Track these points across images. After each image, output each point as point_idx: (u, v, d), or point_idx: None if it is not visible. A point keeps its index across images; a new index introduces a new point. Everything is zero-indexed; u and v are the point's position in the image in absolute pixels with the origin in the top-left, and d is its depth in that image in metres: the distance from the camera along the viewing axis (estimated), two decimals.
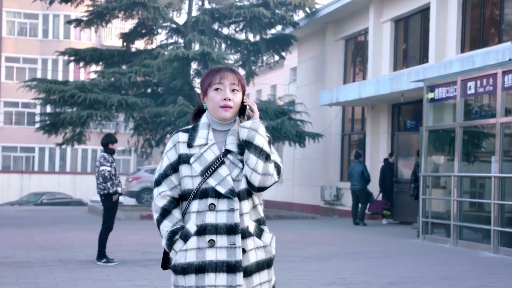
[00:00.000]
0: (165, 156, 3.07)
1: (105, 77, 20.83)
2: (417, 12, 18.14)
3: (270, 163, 2.97)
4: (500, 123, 11.30)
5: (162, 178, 3.04)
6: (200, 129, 3.04)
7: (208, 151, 2.98)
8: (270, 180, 2.97)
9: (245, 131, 2.95)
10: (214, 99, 3.01)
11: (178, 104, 19.21)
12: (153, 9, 20.00)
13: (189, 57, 19.51)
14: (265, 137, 2.98)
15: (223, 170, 2.96)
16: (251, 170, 2.94)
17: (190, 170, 2.98)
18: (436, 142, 14.14)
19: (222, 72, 3.04)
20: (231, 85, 3.02)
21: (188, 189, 3.00)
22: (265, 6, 21.57)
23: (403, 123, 19.12)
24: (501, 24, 15.02)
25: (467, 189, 13.20)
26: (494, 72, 11.37)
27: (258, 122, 2.99)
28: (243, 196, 2.98)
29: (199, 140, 3.00)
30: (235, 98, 3.02)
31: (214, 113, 3.03)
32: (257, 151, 2.94)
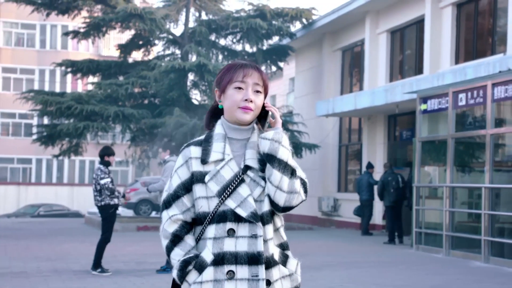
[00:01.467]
0: (175, 174, 2.69)
1: (102, 89, 20.96)
2: (413, 23, 18.30)
3: (296, 179, 2.60)
4: (490, 134, 11.42)
5: (172, 200, 2.67)
6: (214, 142, 2.65)
7: (226, 168, 2.61)
8: (297, 198, 2.61)
9: (267, 143, 2.58)
10: (233, 98, 2.63)
11: (175, 116, 19.33)
12: (149, 21, 20.16)
13: (186, 68, 19.65)
14: (289, 149, 2.62)
15: (244, 189, 2.59)
16: (275, 188, 2.56)
17: (205, 190, 2.61)
18: (429, 153, 14.24)
19: (246, 69, 2.66)
20: (254, 85, 2.66)
21: (203, 212, 2.62)
22: (261, 17, 21.75)
23: (399, 134, 19.23)
24: (493, 36, 15.17)
25: (464, 199, 13.29)
26: (484, 84, 11.50)
27: (281, 132, 2.61)
28: (266, 219, 2.60)
29: (214, 155, 2.62)
30: (257, 100, 2.65)
31: (230, 114, 2.66)
32: (282, 166, 2.56)
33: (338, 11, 20.57)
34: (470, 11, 16.11)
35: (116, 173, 42.97)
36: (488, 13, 15.60)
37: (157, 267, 10.55)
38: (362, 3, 19.03)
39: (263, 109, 2.69)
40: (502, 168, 12.13)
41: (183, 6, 22.32)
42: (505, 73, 11.32)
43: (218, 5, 22.78)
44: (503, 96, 11.15)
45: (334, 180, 22.26)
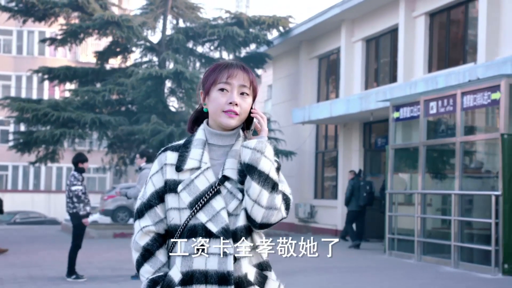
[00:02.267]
0: (149, 181, 2.49)
1: (79, 96, 20.99)
2: (387, 32, 18.57)
3: (277, 194, 2.38)
4: (459, 141, 11.67)
5: (145, 209, 2.47)
6: (193, 148, 2.45)
7: (201, 178, 2.41)
8: (276, 215, 2.38)
9: (248, 152, 2.37)
10: (217, 101, 2.43)
11: (152, 123, 19.41)
12: (127, 29, 20.24)
13: (163, 76, 19.75)
14: (272, 161, 2.40)
15: (218, 202, 2.38)
16: (252, 202, 2.35)
17: (178, 201, 2.41)
18: (402, 160, 14.47)
19: (232, 69, 2.45)
20: (240, 87, 2.45)
21: (174, 224, 2.43)
22: (239, 25, 21.92)
23: (374, 141, 19.47)
24: (465, 45, 15.46)
25: (437, 206, 13.52)
26: (454, 93, 11.74)
27: (264, 142, 2.40)
28: (240, 235, 2.39)
29: (190, 163, 2.42)
30: (243, 103, 2.45)
31: (214, 119, 2.46)
32: (262, 178, 2.35)
33: (314, 19, 20.80)
34: (442, 21, 16.40)
35: (94, 180, 42.86)
36: (460, 22, 15.89)
37: (132, 273, 10.63)
38: (337, 12, 19.27)
39: (250, 115, 2.48)
40: (471, 175, 12.39)
41: (161, 13, 22.42)
42: (474, 82, 11.57)
43: (195, 13, 22.92)
44: (471, 104, 11.40)
45: (311, 186, 22.45)
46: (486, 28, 13.86)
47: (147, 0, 23.04)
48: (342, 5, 18.97)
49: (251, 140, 2.42)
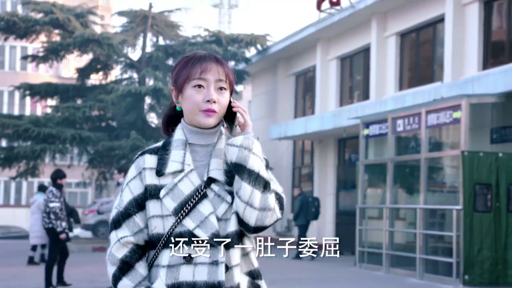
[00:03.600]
0: (126, 188, 2.28)
1: (60, 112, 21.35)
2: (360, 51, 19.13)
3: (270, 193, 2.20)
4: (424, 158, 12.18)
5: (122, 219, 2.26)
6: (173, 149, 2.25)
7: (185, 181, 2.21)
8: (271, 216, 2.20)
9: (235, 150, 2.18)
10: (193, 100, 2.23)
11: (131, 138, 19.81)
12: (107, 46, 20.66)
13: (142, 92, 20.18)
14: (261, 158, 2.21)
15: (205, 206, 2.19)
16: (244, 205, 2.16)
17: (160, 208, 2.21)
18: (372, 175, 14.96)
19: (205, 63, 2.24)
20: (216, 82, 2.24)
21: (157, 233, 2.22)
22: (217, 43, 22.43)
23: (348, 157, 19.98)
24: (433, 64, 16.05)
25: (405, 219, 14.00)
26: (419, 111, 12.27)
27: (251, 138, 2.22)
28: (232, 242, 2.20)
29: (172, 165, 2.22)
30: (221, 99, 2.24)
31: (191, 118, 2.26)
32: (252, 177, 2.17)
33: (291, 38, 21.34)
34: (412, 41, 16.98)
35: (75, 195, 43.00)
36: (428, 43, 16.48)
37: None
38: (312, 31, 19.82)
39: (230, 108, 2.28)
40: (436, 190, 12.89)
41: (141, 31, 22.88)
42: (438, 101, 12.10)
43: (175, 31, 23.40)
44: (435, 123, 11.93)
45: (288, 201, 22.88)
46: (452, 49, 14.44)
47: (127, 18, 23.49)
48: (317, 25, 19.53)
49: (236, 137, 2.23)
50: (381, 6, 16.96)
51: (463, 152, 10.97)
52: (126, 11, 23.29)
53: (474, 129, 13.46)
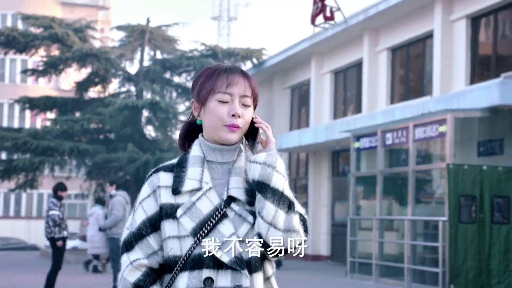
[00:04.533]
0: (139, 208, 2.15)
1: (58, 125, 21.70)
2: (353, 65, 19.50)
3: (294, 214, 2.06)
4: (411, 171, 12.52)
5: (135, 240, 2.12)
6: (190, 166, 2.12)
7: (203, 200, 2.08)
8: (296, 238, 2.05)
9: (257, 168, 2.05)
10: (218, 114, 2.11)
11: (128, 151, 20.14)
12: (105, 60, 21.05)
13: (139, 106, 20.54)
14: (285, 176, 2.09)
15: (226, 227, 2.05)
16: (267, 225, 2.02)
17: (177, 228, 2.07)
18: (362, 187, 15.29)
19: (232, 76, 2.13)
20: (242, 98, 2.14)
21: (174, 255, 2.08)
22: (213, 56, 22.83)
23: (342, 169, 20.30)
24: (423, 79, 16.42)
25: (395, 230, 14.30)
26: (407, 125, 12.61)
27: (275, 155, 2.09)
28: (255, 266, 2.07)
29: (189, 183, 2.09)
30: (246, 114, 2.14)
31: (213, 134, 2.13)
32: (276, 196, 2.03)
33: (286, 52, 21.73)
34: (403, 56, 17.36)
35: (75, 206, 43.29)
36: (418, 57, 16.85)
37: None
38: (307, 45, 20.20)
39: (252, 125, 2.17)
40: (423, 201, 13.22)
41: (138, 45, 23.27)
42: (425, 115, 12.45)
43: (172, 45, 23.80)
44: (422, 136, 12.27)
45: None
46: (440, 64, 14.81)
47: (125, 32, 23.89)
48: (312, 39, 19.91)
49: (259, 153, 2.09)
50: (373, 22, 17.35)
51: (448, 165, 11.30)
52: (124, 26, 23.71)
53: (462, 142, 13.83)
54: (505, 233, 11.26)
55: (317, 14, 18.91)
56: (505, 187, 11.31)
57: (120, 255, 2.15)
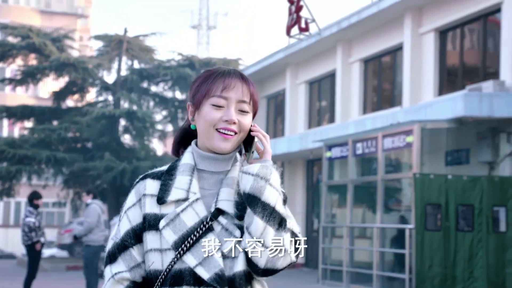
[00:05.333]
0: (124, 217, 2.03)
1: (36, 133, 21.83)
2: (327, 76, 19.88)
3: (285, 232, 1.94)
4: (380, 180, 12.87)
5: (118, 251, 2.01)
6: (179, 174, 2.00)
7: (188, 211, 1.96)
8: (284, 259, 1.93)
9: (249, 179, 1.93)
10: (210, 118, 1.99)
11: (105, 160, 20.32)
12: (82, 70, 21.24)
13: (116, 115, 20.74)
14: (279, 191, 1.96)
15: (210, 241, 1.93)
16: (254, 242, 1.91)
17: (159, 240, 1.96)
18: (334, 195, 15.62)
19: (229, 79, 2.01)
20: (239, 103, 2.02)
21: (154, 270, 1.96)
22: (190, 66, 23.10)
23: (316, 178, 20.64)
24: (394, 90, 16.82)
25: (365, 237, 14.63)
26: (376, 135, 12.97)
27: (270, 167, 1.96)
28: (239, 284, 1.94)
29: (175, 193, 1.97)
30: (242, 121, 2.02)
31: (205, 140, 2.02)
32: (267, 212, 1.91)
33: (262, 62, 22.06)
34: (375, 67, 17.76)
35: (52, 215, 43.22)
36: (390, 69, 17.26)
37: None
38: (282, 56, 20.55)
39: (249, 134, 2.04)
40: (392, 210, 13.57)
41: (116, 55, 23.47)
42: (393, 126, 12.81)
43: (150, 55, 24.03)
44: (390, 146, 12.63)
45: None
46: (410, 75, 15.22)
47: (103, 42, 24.09)
48: (287, 50, 20.27)
49: (253, 164, 1.97)
50: (346, 34, 17.73)
51: (414, 174, 11.65)
52: (101, 35, 23.92)
53: (430, 152, 14.21)
54: (469, 240, 11.62)
55: (292, 25, 19.24)
56: (469, 196, 11.67)
57: (104, 266, 2.04)
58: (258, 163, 1.97)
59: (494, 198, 11.71)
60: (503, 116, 11.82)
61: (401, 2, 14.95)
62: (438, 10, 14.71)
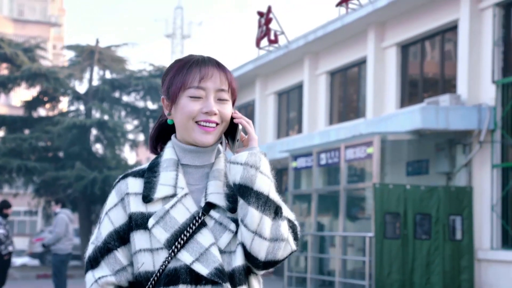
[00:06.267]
0: (105, 218, 1.93)
1: (7, 143, 21.98)
2: (296, 87, 20.32)
3: (282, 220, 1.86)
4: (343, 189, 13.30)
5: (101, 255, 1.90)
6: (162, 171, 1.91)
7: (178, 207, 1.87)
8: (284, 248, 1.86)
9: (239, 169, 1.85)
10: (188, 111, 1.89)
11: (76, 169, 20.53)
12: (53, 80, 21.46)
13: (86, 125, 20.98)
14: (271, 177, 1.90)
15: (205, 236, 1.85)
16: (252, 234, 1.83)
17: (149, 240, 1.86)
18: (299, 205, 16.02)
19: (205, 68, 1.91)
20: (217, 92, 1.92)
21: (145, 271, 1.87)
22: (161, 76, 23.41)
23: (284, 187, 21.03)
24: (358, 102, 17.30)
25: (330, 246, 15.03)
26: (339, 146, 13.40)
27: (258, 154, 1.89)
28: (239, 279, 1.87)
29: (162, 190, 1.88)
30: (223, 110, 1.93)
31: (185, 135, 1.92)
32: (261, 201, 1.83)
33: (232, 72, 22.35)
34: (341, 79, 18.24)
35: (24, 223, 43.13)
36: (355, 81, 17.75)
37: None
38: (252, 67, 20.96)
39: (231, 122, 1.96)
40: (354, 218, 14.00)
41: (88, 65, 23.71)
42: (356, 137, 13.25)
43: (122, 65, 24.30)
44: (352, 157, 13.06)
45: None
46: (373, 88, 15.70)
47: (75, 52, 24.32)
48: (255, 62, 20.68)
49: (240, 153, 1.89)
50: (313, 47, 18.19)
51: (374, 184, 12.08)
52: (73, 46, 24.15)
53: (392, 163, 14.71)
54: (427, 248, 12.07)
55: (262, 37, 19.68)
56: (427, 205, 12.13)
57: (85, 272, 1.92)
58: (245, 151, 1.90)
59: (450, 207, 12.20)
60: (459, 128, 12.33)
61: (365, 17, 15.44)
62: (400, 25, 15.22)
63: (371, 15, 15.30)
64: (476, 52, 12.81)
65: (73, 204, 23.01)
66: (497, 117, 12.27)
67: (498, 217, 12.25)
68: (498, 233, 12.29)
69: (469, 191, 12.37)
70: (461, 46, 13.11)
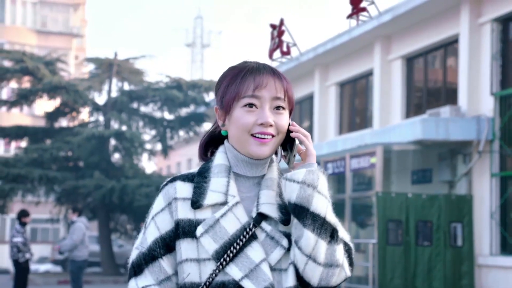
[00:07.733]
0: (151, 223, 1.85)
1: (29, 153, 22.77)
2: (306, 98, 20.85)
3: (337, 244, 1.77)
4: (348, 197, 13.80)
5: (145, 262, 1.82)
6: (213, 176, 1.84)
7: (229, 216, 1.79)
8: (339, 275, 1.78)
9: (295, 188, 1.75)
10: (244, 123, 1.81)
11: (95, 178, 21.25)
12: (73, 92, 22.20)
13: (105, 136, 21.70)
14: (328, 198, 1.81)
15: (255, 251, 1.77)
16: (306, 258, 1.73)
17: (197, 249, 1.78)
18: None
19: (260, 77, 1.83)
20: (273, 100, 1.83)
21: (191, 282, 1.79)
22: (178, 88, 24.06)
23: None
24: (366, 112, 17.79)
25: None
26: (344, 156, 13.91)
27: (316, 172, 1.79)
28: None
29: (212, 196, 1.80)
30: (279, 122, 1.84)
31: (240, 146, 1.84)
32: (317, 223, 1.74)
33: None
34: (350, 91, 18.75)
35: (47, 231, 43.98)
36: (363, 93, 18.24)
37: None
38: None
39: (287, 134, 1.86)
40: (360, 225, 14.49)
41: (107, 77, 24.44)
42: (361, 147, 13.76)
43: (139, 77, 24.98)
44: (357, 167, 13.57)
45: None
46: (380, 99, 16.19)
47: (94, 65, 25.09)
48: None
49: (297, 170, 1.79)
50: (323, 59, 18.72)
51: (377, 192, 12.58)
52: (93, 58, 24.91)
53: (398, 172, 15.19)
54: (428, 254, 12.53)
55: (275, 49, 20.23)
56: (428, 213, 12.60)
57: (128, 279, 1.86)
58: (302, 167, 1.79)
59: (451, 215, 12.65)
60: (458, 139, 12.79)
61: (371, 31, 15.95)
62: (405, 39, 15.72)
63: (377, 29, 15.81)
64: (475, 65, 13.28)
65: (92, 212, 23.75)
66: (496, 128, 12.72)
67: (497, 224, 12.68)
68: (497, 240, 12.72)
69: (469, 199, 12.82)
70: (462, 60, 13.57)
